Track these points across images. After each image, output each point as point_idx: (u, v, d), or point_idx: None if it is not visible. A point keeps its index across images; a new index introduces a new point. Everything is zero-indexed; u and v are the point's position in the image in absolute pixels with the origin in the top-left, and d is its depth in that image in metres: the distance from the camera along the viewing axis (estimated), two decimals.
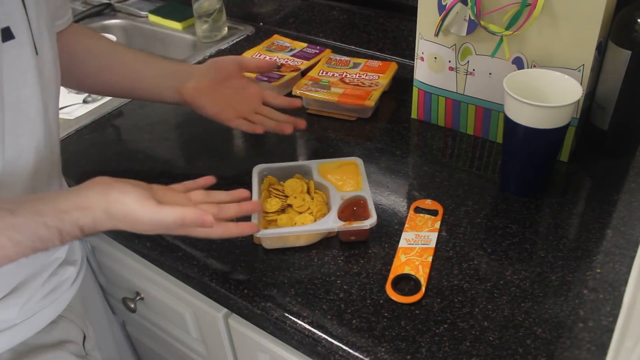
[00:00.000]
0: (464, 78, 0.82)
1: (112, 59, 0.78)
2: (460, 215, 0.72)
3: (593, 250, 0.66)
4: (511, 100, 0.68)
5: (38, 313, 0.67)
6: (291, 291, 0.63)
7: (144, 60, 0.79)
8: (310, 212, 0.69)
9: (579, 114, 0.76)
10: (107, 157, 0.86)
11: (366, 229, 0.66)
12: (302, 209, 0.70)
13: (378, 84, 0.94)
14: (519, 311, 0.59)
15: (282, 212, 0.70)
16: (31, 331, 0.67)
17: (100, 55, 0.78)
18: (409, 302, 0.61)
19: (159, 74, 0.78)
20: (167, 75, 0.78)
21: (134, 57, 0.79)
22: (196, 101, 0.76)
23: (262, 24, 1.25)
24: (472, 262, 0.65)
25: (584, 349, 0.56)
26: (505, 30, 0.74)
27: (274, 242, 0.67)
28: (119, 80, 0.79)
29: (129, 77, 0.79)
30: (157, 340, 0.95)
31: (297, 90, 0.93)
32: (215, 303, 0.70)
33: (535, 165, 0.72)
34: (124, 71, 0.79)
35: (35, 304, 0.66)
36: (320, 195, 0.71)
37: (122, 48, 0.81)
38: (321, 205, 0.70)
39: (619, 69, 0.73)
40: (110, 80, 0.79)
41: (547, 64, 0.74)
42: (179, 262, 0.69)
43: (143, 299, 0.86)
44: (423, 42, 0.84)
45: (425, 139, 0.87)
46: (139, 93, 0.80)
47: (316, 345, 0.59)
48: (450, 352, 0.56)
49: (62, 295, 0.70)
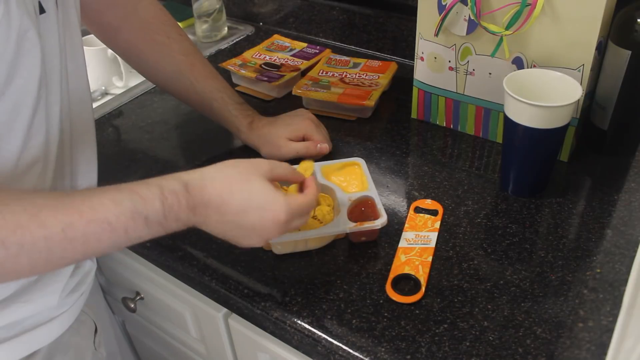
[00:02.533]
0: (463, 78, 0.82)
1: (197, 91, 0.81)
2: (460, 215, 0.72)
3: (593, 250, 0.66)
4: (511, 100, 0.68)
5: (73, 306, 0.67)
6: (291, 291, 0.63)
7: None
8: (314, 216, 0.69)
9: (579, 114, 0.76)
10: (107, 157, 0.86)
11: (377, 228, 0.66)
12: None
13: (378, 83, 0.94)
14: (519, 311, 0.59)
15: None
16: (65, 325, 0.67)
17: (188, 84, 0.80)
18: (409, 302, 0.61)
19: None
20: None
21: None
22: None
23: (262, 24, 1.25)
24: (472, 262, 0.65)
25: (584, 349, 0.56)
26: (505, 30, 0.74)
27: (284, 247, 0.67)
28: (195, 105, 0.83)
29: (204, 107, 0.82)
30: (157, 340, 0.95)
31: (297, 90, 0.93)
32: (215, 303, 0.70)
33: (535, 165, 0.72)
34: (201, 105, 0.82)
35: (67, 297, 0.66)
36: (325, 199, 0.71)
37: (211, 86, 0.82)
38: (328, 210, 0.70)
39: (619, 69, 0.73)
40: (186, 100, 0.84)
41: (547, 64, 0.74)
42: (179, 262, 0.69)
43: (143, 299, 0.86)
44: (423, 42, 0.84)
45: (425, 139, 0.87)
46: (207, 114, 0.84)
47: (316, 345, 0.59)
48: (450, 352, 0.56)
49: (86, 289, 0.71)
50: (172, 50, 0.79)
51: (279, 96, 0.99)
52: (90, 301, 0.77)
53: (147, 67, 0.81)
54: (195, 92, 0.80)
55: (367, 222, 0.66)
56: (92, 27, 0.79)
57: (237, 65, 1.02)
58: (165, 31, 0.79)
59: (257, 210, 0.53)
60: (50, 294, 0.63)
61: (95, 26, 0.79)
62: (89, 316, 0.74)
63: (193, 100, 0.82)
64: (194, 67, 0.80)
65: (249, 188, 0.53)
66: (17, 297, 0.60)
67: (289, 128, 0.81)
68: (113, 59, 1.08)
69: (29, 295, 0.61)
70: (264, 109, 0.95)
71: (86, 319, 0.73)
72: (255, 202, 0.53)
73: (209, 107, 0.81)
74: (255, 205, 0.53)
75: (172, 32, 0.80)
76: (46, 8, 0.55)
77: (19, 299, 0.60)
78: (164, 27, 0.80)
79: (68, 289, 0.66)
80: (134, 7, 0.78)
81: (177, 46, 0.80)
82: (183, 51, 0.80)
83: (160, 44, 0.79)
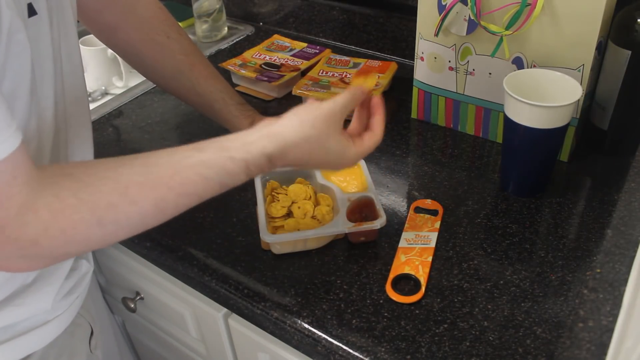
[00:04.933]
0: (463, 78, 0.82)
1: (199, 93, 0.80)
2: (460, 215, 0.72)
3: (593, 250, 0.66)
4: (511, 100, 0.68)
5: (68, 309, 0.67)
6: (291, 291, 0.63)
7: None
8: (313, 216, 0.69)
9: (579, 113, 0.76)
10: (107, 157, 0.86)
11: (376, 229, 0.66)
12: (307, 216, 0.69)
13: (378, 84, 0.94)
14: (519, 311, 0.59)
15: (288, 217, 0.70)
16: (60, 328, 0.67)
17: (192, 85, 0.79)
18: (409, 302, 0.61)
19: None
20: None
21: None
22: None
23: (262, 24, 1.25)
24: (472, 262, 0.65)
25: (584, 349, 0.56)
26: (505, 30, 0.74)
27: (283, 247, 0.67)
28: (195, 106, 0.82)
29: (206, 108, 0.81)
30: (157, 340, 0.95)
31: (297, 90, 0.93)
32: (215, 303, 0.70)
33: (535, 165, 0.72)
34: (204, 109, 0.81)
35: (61, 300, 0.66)
36: (324, 199, 0.71)
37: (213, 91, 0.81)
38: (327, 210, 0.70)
39: (619, 69, 0.73)
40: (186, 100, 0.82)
41: (547, 64, 0.74)
42: (179, 262, 0.69)
43: (143, 299, 0.86)
44: (423, 42, 0.84)
45: (425, 139, 0.87)
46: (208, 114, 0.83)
47: (316, 345, 0.59)
48: (450, 352, 0.56)
49: (82, 292, 0.70)
50: (172, 50, 0.79)
51: (279, 96, 0.99)
52: (89, 301, 0.77)
53: (147, 67, 0.81)
54: (196, 93, 0.80)
55: (366, 223, 0.66)
56: (90, 26, 0.79)
57: (237, 65, 1.02)
58: (164, 31, 0.79)
59: (333, 165, 0.60)
60: (43, 297, 0.63)
61: (93, 25, 0.78)
62: (85, 319, 0.73)
63: (194, 100, 0.81)
64: (194, 67, 0.79)
65: (326, 150, 0.56)
66: (10, 300, 0.59)
67: None
68: (113, 59, 1.08)
69: (22, 298, 0.60)
70: (264, 109, 0.95)
71: (82, 321, 0.73)
72: (332, 160, 0.58)
73: (209, 107, 0.81)
74: (332, 162, 0.59)
75: (171, 31, 0.79)
76: (37, 9, 0.54)
77: (11, 302, 0.60)
78: (164, 27, 0.79)
79: (63, 292, 0.65)
80: (133, 6, 0.77)
81: (177, 46, 0.79)
82: (183, 51, 0.79)
83: (160, 43, 0.78)
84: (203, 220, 0.73)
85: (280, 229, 0.68)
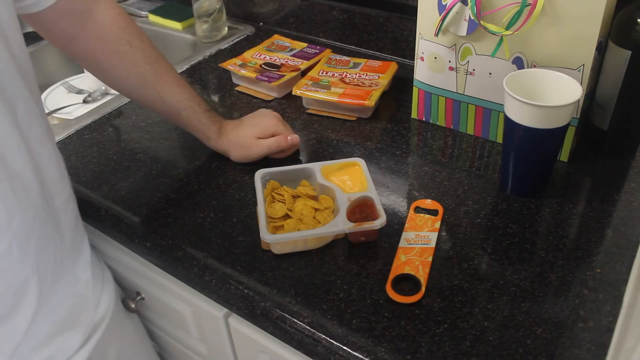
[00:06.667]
0: (464, 78, 0.82)
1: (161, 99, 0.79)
2: (460, 215, 0.72)
3: (593, 250, 0.66)
4: (511, 100, 0.68)
5: None
6: (291, 291, 0.63)
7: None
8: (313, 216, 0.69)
9: (579, 114, 0.76)
10: (107, 157, 0.86)
11: (376, 229, 0.66)
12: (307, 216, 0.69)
13: (378, 83, 0.94)
14: (519, 311, 0.59)
15: (287, 217, 0.70)
16: None
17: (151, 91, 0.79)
18: (409, 302, 0.61)
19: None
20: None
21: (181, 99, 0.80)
22: None
23: (262, 24, 1.25)
24: (472, 262, 0.65)
25: (584, 349, 0.56)
26: (505, 30, 0.74)
27: (283, 247, 0.67)
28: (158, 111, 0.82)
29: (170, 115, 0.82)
30: (157, 340, 0.95)
31: (297, 90, 0.93)
32: (216, 303, 0.70)
33: (535, 165, 0.72)
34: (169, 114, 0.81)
35: None
36: (325, 199, 0.71)
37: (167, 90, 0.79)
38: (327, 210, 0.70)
39: (619, 69, 0.73)
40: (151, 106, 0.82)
41: (547, 64, 0.74)
42: (179, 262, 0.69)
43: (143, 299, 0.86)
44: (423, 42, 0.84)
45: (425, 139, 0.87)
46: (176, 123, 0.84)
47: (316, 345, 0.59)
48: (450, 352, 0.56)
49: None
50: (136, 59, 0.76)
51: (279, 96, 0.99)
52: None
53: (109, 77, 0.78)
54: (162, 102, 0.78)
55: (366, 223, 0.66)
56: (46, 36, 0.74)
57: (237, 65, 1.02)
58: (126, 39, 0.75)
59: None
60: None
61: (49, 35, 0.74)
62: None
63: (159, 109, 0.79)
64: (159, 76, 0.77)
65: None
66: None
67: (257, 128, 0.81)
68: None
69: None
70: None
71: None
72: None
73: (176, 116, 0.79)
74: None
75: (134, 39, 0.76)
76: None
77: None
78: (125, 35, 0.75)
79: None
80: (90, 15, 0.73)
81: (140, 54, 0.76)
82: (147, 60, 0.76)
83: (123, 53, 0.75)
84: (203, 220, 0.73)
85: (281, 229, 0.68)
